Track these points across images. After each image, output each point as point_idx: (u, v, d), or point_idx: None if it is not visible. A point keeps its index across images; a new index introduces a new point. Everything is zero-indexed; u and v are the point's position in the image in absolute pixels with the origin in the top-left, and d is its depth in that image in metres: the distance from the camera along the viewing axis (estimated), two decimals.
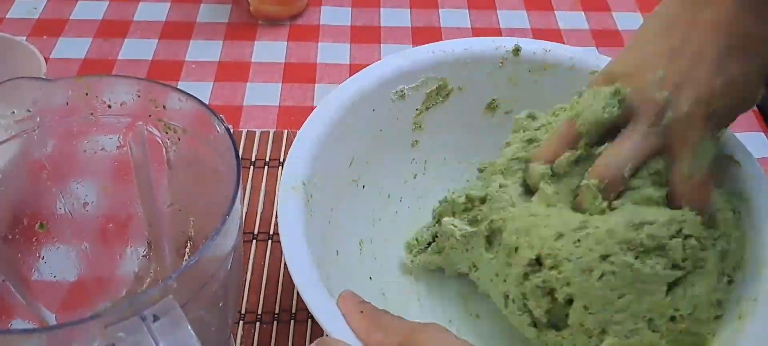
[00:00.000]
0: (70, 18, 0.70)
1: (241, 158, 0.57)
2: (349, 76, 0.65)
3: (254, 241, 0.51)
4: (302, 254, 0.38)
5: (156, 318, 0.25)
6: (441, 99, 0.51)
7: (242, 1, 0.69)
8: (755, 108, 0.64)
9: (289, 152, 0.43)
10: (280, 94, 0.63)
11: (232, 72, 0.65)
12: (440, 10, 0.74)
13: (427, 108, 0.51)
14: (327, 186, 0.44)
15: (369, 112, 0.48)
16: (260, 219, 0.52)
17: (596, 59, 0.50)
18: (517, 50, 0.50)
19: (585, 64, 0.50)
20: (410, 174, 0.53)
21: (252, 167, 0.56)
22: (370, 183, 0.49)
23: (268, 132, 0.59)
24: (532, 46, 0.51)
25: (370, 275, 0.47)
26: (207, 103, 0.62)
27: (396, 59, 0.50)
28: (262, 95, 0.63)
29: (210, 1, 0.73)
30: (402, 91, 0.49)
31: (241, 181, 0.30)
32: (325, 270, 0.39)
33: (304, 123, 0.45)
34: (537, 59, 0.50)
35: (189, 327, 0.26)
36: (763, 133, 0.61)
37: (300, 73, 0.66)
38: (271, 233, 0.52)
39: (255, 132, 0.59)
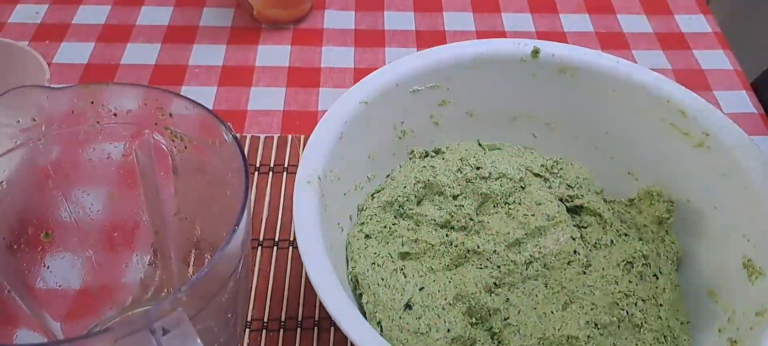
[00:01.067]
0: (73, 22, 0.69)
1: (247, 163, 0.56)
2: (354, 80, 0.65)
3: (260, 248, 0.51)
4: (319, 250, 0.37)
5: (165, 331, 0.25)
6: (457, 100, 0.51)
7: (245, 5, 0.69)
8: (762, 111, 0.63)
9: (305, 148, 0.43)
10: (284, 98, 0.63)
11: (236, 76, 0.65)
12: (445, 14, 0.73)
13: (444, 107, 0.51)
14: (343, 181, 0.44)
15: (385, 111, 0.48)
16: (265, 226, 0.52)
17: (607, 61, 0.50)
18: (536, 52, 0.50)
19: (597, 66, 0.50)
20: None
21: (256, 173, 0.56)
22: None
23: (273, 137, 0.59)
24: (550, 49, 0.50)
25: None
26: (211, 107, 0.61)
27: (413, 59, 0.49)
28: (266, 100, 0.63)
29: (213, 5, 0.72)
30: (417, 90, 0.49)
31: (249, 191, 0.30)
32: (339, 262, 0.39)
33: (320, 121, 0.44)
34: (556, 62, 0.50)
35: (198, 340, 0.26)
36: None
37: (304, 78, 0.65)
38: (277, 239, 0.51)
39: (259, 137, 0.59)
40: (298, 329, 0.46)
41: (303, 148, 0.58)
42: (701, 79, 0.67)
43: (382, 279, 0.42)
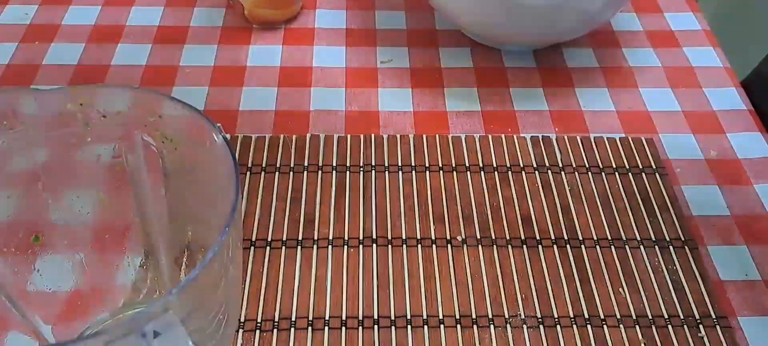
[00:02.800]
0: (62, 23, 0.69)
1: (238, 164, 0.56)
2: (346, 78, 0.65)
3: (252, 248, 0.50)
4: None
5: (156, 334, 0.25)
6: None
7: (236, 5, 0.69)
8: (752, 108, 0.64)
9: None
10: (276, 98, 0.63)
11: (227, 77, 0.65)
12: (435, 13, 0.73)
13: None
14: None
15: None
16: (257, 226, 0.52)
17: None
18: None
19: None
20: None
21: (249, 173, 0.56)
22: None
23: (265, 137, 0.59)
24: None
25: None
26: (202, 108, 0.61)
27: None
28: (258, 100, 0.62)
29: (204, 5, 0.72)
30: None
31: (240, 191, 0.30)
32: None
33: None
34: None
35: (190, 342, 0.26)
36: (761, 134, 0.61)
37: (296, 78, 0.65)
38: (270, 239, 0.51)
39: (251, 137, 0.59)
40: (292, 329, 0.46)
41: (295, 148, 0.58)
42: (691, 77, 0.67)
43: None
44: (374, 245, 0.51)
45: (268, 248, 0.51)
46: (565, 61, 0.68)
